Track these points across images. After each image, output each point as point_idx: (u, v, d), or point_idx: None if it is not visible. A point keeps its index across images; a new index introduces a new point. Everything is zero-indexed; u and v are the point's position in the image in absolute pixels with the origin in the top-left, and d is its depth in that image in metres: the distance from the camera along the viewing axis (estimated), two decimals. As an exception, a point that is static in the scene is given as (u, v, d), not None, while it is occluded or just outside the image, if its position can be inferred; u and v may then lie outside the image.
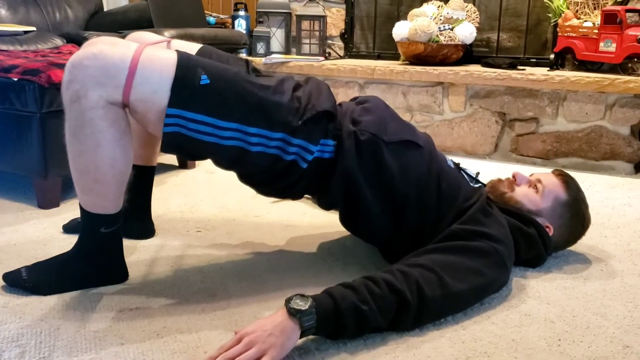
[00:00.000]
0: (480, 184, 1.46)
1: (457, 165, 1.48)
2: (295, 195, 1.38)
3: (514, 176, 1.50)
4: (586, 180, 1.60)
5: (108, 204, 1.23)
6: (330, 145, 1.28)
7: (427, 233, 1.32)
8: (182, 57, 1.17)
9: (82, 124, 1.13)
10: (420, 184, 1.32)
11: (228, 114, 1.17)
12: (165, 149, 1.20)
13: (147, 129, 1.21)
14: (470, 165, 2.56)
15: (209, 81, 1.16)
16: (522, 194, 1.45)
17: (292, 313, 1.03)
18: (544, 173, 1.51)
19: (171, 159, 2.42)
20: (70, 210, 1.79)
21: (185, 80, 1.14)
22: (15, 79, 1.74)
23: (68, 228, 1.65)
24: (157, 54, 1.16)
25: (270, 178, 1.28)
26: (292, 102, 1.24)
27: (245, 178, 1.33)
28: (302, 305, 1.03)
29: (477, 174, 1.51)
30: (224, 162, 1.25)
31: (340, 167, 1.28)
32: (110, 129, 1.14)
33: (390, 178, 1.30)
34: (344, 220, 1.41)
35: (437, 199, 1.33)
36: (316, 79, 1.41)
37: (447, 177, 1.36)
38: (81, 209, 1.24)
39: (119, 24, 2.80)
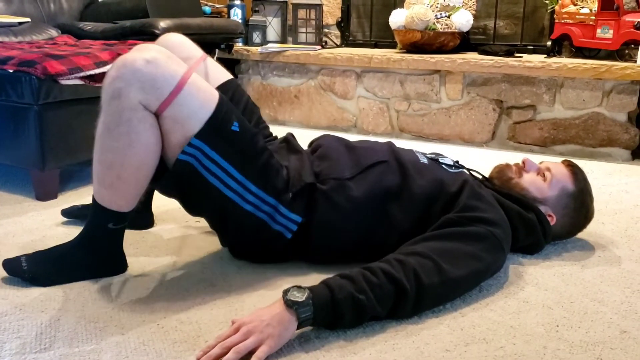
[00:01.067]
0: (461, 169, 1.45)
1: (432, 156, 1.47)
2: (280, 260, 1.39)
3: (523, 162, 1.50)
4: (584, 167, 1.61)
5: (123, 203, 1.23)
6: (306, 207, 1.31)
7: (419, 229, 1.31)
8: (223, 99, 1.22)
9: (119, 122, 1.14)
10: (399, 194, 1.32)
11: (241, 166, 1.22)
12: (167, 180, 1.21)
13: (163, 145, 1.21)
14: (468, 153, 2.57)
15: (238, 130, 1.21)
16: (530, 181, 1.46)
17: (289, 305, 1.03)
18: (553, 162, 1.52)
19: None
20: (68, 202, 1.79)
21: (222, 120, 1.19)
22: (11, 71, 1.73)
23: (67, 213, 1.66)
24: (204, 84, 1.21)
25: (255, 242, 1.33)
26: (285, 173, 1.30)
27: (231, 238, 1.37)
28: (299, 297, 1.04)
29: (456, 161, 1.50)
30: (212, 209, 1.29)
31: (317, 223, 1.30)
32: (147, 133, 1.15)
33: (367, 206, 1.31)
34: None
35: (421, 199, 1.32)
36: (296, 145, 1.46)
37: (423, 174, 1.35)
38: (94, 201, 1.24)
39: (114, 14, 2.78)
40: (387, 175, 1.34)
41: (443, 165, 1.42)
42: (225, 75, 1.50)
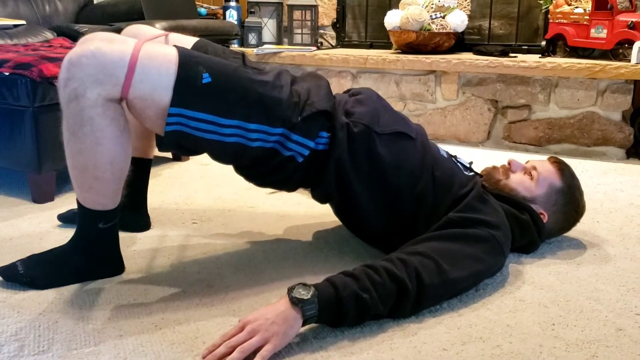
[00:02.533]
0: (473, 173, 1.47)
1: (450, 154, 1.49)
2: (290, 188, 1.38)
3: (509, 163, 1.51)
4: (578, 166, 1.62)
5: (107, 201, 1.23)
6: (324, 137, 1.29)
7: (423, 223, 1.32)
8: (183, 54, 1.16)
9: (81, 122, 1.13)
10: (413, 174, 1.33)
11: (229, 112, 1.17)
12: (165, 147, 1.20)
13: (145, 124, 1.20)
14: (463, 153, 2.58)
15: (210, 79, 1.15)
16: (517, 181, 1.46)
17: (295, 302, 1.04)
18: (539, 160, 1.52)
19: (165, 151, 2.42)
20: (65, 204, 1.79)
21: (188, 79, 1.14)
22: (7, 74, 1.73)
23: (63, 218, 1.66)
24: (157, 50, 1.15)
25: (267, 171, 1.29)
26: (291, 97, 1.24)
27: (241, 170, 1.34)
28: (304, 294, 1.05)
29: (470, 163, 1.52)
30: (223, 157, 1.26)
31: (333, 159, 1.28)
32: (110, 127, 1.14)
33: (383, 170, 1.31)
34: (337, 213, 1.42)
35: (432, 189, 1.33)
36: (317, 75, 1.41)
37: (440, 167, 1.37)
38: (79, 205, 1.24)
39: (110, 16, 2.78)
40: (410, 152, 1.34)
41: (459, 165, 1.44)
42: (192, 39, 1.43)
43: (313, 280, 1.12)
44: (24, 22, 2.57)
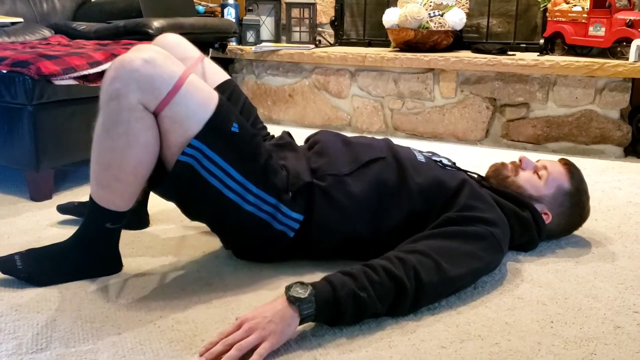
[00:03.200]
0: (455, 168, 1.45)
1: (429, 155, 1.48)
2: (283, 258, 1.39)
3: (520, 160, 1.51)
4: (577, 164, 1.63)
5: (121, 202, 1.23)
6: (306, 205, 1.31)
7: (418, 226, 1.32)
8: (223, 100, 1.22)
9: (117, 122, 1.14)
10: (397, 191, 1.33)
11: (241, 167, 1.22)
12: (167, 182, 1.21)
13: (162, 146, 1.21)
14: (462, 151, 2.58)
15: (238, 131, 1.21)
16: (526, 179, 1.46)
17: (292, 301, 1.04)
18: (550, 160, 1.52)
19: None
20: (62, 203, 1.78)
21: (220, 122, 1.19)
22: (5, 71, 1.72)
23: (62, 209, 1.66)
24: (203, 86, 1.21)
25: (257, 242, 1.33)
26: (284, 172, 1.30)
27: (232, 238, 1.37)
28: (301, 293, 1.05)
29: (453, 162, 1.50)
30: (213, 212, 1.28)
31: (317, 221, 1.30)
32: (144, 133, 1.15)
33: (368, 203, 1.31)
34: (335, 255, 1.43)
35: (418, 196, 1.32)
36: (292, 143, 1.46)
37: (421, 172, 1.36)
38: (91, 201, 1.24)
39: (107, 14, 2.78)
40: (385, 171, 1.34)
41: (439, 164, 1.43)
42: (223, 75, 1.51)
43: (311, 279, 1.12)
44: (21, 19, 2.57)
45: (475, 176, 1.51)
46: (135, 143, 1.15)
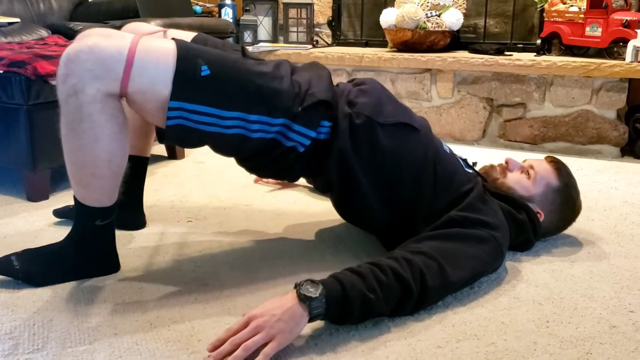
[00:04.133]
0: (474, 172, 1.47)
1: (452, 152, 1.49)
2: (292, 177, 1.38)
3: (506, 162, 1.52)
4: (573, 165, 1.63)
5: (104, 198, 1.23)
6: (326, 126, 1.28)
7: (421, 217, 1.32)
8: (182, 47, 1.16)
9: (80, 119, 1.12)
10: (415, 167, 1.32)
11: (230, 104, 1.17)
12: (167, 141, 1.20)
13: (146, 118, 1.20)
14: (459, 152, 2.58)
15: (209, 72, 1.15)
16: (514, 180, 1.47)
17: (303, 299, 1.03)
18: (536, 159, 1.53)
19: (160, 149, 2.42)
20: (59, 203, 1.78)
21: (187, 72, 1.14)
22: (1, 71, 1.72)
23: (59, 213, 1.65)
24: (154, 44, 1.16)
25: (268, 162, 1.29)
26: (291, 87, 1.24)
27: (243, 162, 1.33)
28: (312, 292, 1.04)
29: (474, 163, 1.51)
30: (225, 149, 1.27)
31: (335, 149, 1.28)
32: (109, 124, 1.14)
33: (385, 161, 1.30)
34: (337, 205, 1.42)
35: (433, 182, 1.33)
36: (318, 65, 1.40)
37: (442, 161, 1.36)
38: (76, 201, 1.24)
39: (104, 14, 2.78)
40: (414, 145, 1.33)
41: (461, 162, 1.44)
42: (191, 35, 1.43)
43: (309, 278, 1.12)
44: (18, 19, 2.56)
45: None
46: (102, 135, 1.13)
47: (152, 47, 1.14)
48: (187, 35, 1.41)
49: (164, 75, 1.12)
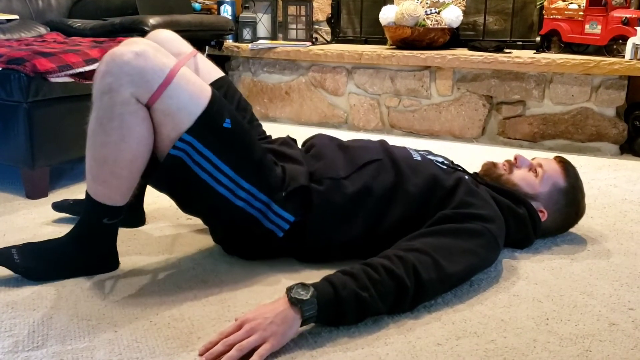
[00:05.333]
0: (452, 167, 1.45)
1: (425, 153, 1.48)
2: (271, 256, 1.39)
3: (515, 158, 1.51)
4: (572, 162, 1.64)
5: (118, 197, 1.23)
6: (301, 208, 1.31)
7: (415, 225, 1.32)
8: (216, 95, 1.22)
9: (111, 116, 1.14)
10: (393, 192, 1.33)
11: (232, 162, 1.22)
12: (158, 175, 1.21)
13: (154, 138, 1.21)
14: (458, 149, 2.58)
15: (230, 127, 1.20)
16: (521, 177, 1.47)
17: (294, 302, 1.03)
18: (545, 158, 1.53)
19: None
20: (58, 200, 1.78)
21: (212, 116, 1.18)
22: (0, 69, 1.72)
23: (58, 207, 1.66)
24: (195, 79, 1.21)
25: (247, 238, 1.34)
26: (281, 172, 1.30)
27: (220, 233, 1.38)
28: (303, 294, 1.04)
29: (451, 161, 1.50)
30: (204, 205, 1.29)
31: (311, 223, 1.30)
32: (139, 127, 1.15)
33: (365, 205, 1.32)
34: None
35: (415, 196, 1.33)
36: (292, 145, 1.45)
37: (417, 172, 1.36)
38: (87, 196, 1.24)
39: (103, 11, 2.77)
40: (382, 173, 1.34)
41: (436, 163, 1.43)
42: (216, 72, 1.50)
43: (307, 277, 1.12)
44: (17, 16, 2.56)
45: (472, 173, 1.51)
46: (129, 137, 1.15)
47: (192, 79, 1.20)
48: (214, 74, 1.48)
49: (192, 109, 1.16)
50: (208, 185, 1.21)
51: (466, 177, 1.39)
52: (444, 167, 1.42)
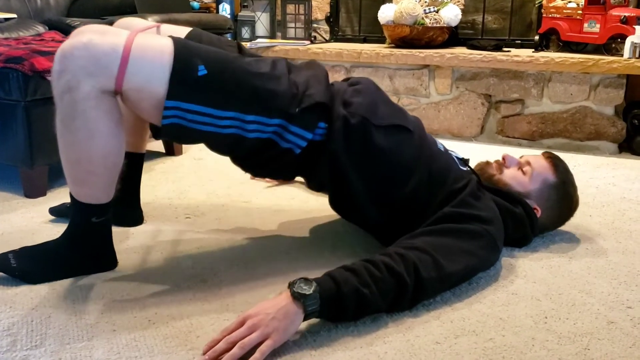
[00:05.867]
0: (469, 169, 1.47)
1: (446, 149, 1.49)
2: (287, 177, 1.39)
3: (503, 158, 1.52)
4: (571, 161, 1.64)
5: (100, 194, 1.22)
6: (322, 128, 1.27)
7: (417, 214, 1.32)
8: (179, 45, 1.15)
9: (74, 115, 1.12)
10: (409, 167, 1.33)
11: (226, 104, 1.17)
12: (162, 137, 1.21)
13: (141, 116, 1.20)
14: (457, 148, 2.58)
15: (206, 71, 1.14)
16: (511, 176, 1.47)
17: (297, 297, 1.03)
18: (533, 155, 1.53)
19: (158, 145, 2.41)
20: (57, 199, 1.78)
21: (184, 71, 1.13)
22: (-2, 67, 1.71)
23: (55, 211, 1.65)
24: (151, 42, 1.15)
25: (264, 162, 1.29)
26: (289, 88, 1.23)
27: (238, 160, 1.33)
28: (306, 289, 1.04)
29: (467, 160, 1.51)
30: (220, 148, 1.27)
31: (330, 150, 1.27)
32: (104, 120, 1.13)
33: (379, 162, 1.30)
34: (333, 203, 1.42)
35: (427, 181, 1.33)
36: (315, 64, 1.40)
37: (436, 160, 1.37)
38: (72, 198, 1.24)
39: (102, 10, 2.76)
40: (408, 145, 1.34)
41: (455, 159, 1.44)
42: (185, 30, 1.42)
43: (307, 275, 1.12)
44: (15, 15, 2.55)
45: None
46: (96, 132, 1.13)
47: (148, 44, 1.13)
48: (182, 31, 1.40)
49: (160, 74, 1.11)
50: (215, 134, 1.18)
51: (474, 180, 1.40)
52: (462, 166, 1.43)
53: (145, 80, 1.12)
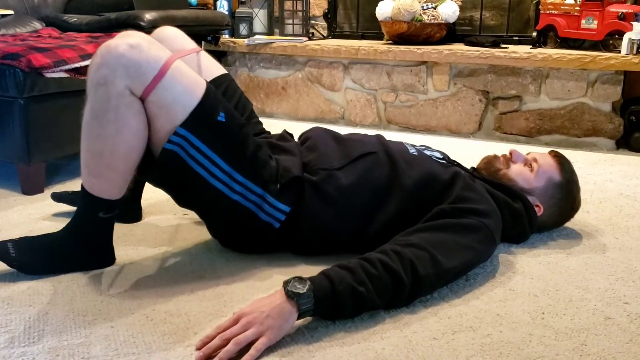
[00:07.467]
0: (448, 162, 1.45)
1: (422, 148, 1.48)
2: (268, 250, 1.39)
3: (510, 153, 1.52)
4: (569, 157, 1.64)
5: (113, 190, 1.23)
6: (296, 199, 1.30)
7: (411, 219, 1.31)
8: (211, 89, 1.21)
9: (106, 109, 1.14)
10: (388, 185, 1.32)
11: (227, 156, 1.22)
12: (154, 171, 1.21)
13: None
14: (455, 144, 2.58)
15: (225, 120, 1.20)
16: (517, 172, 1.47)
17: (290, 296, 1.04)
18: (540, 153, 1.53)
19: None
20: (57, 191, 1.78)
21: (207, 110, 1.18)
22: (-5, 64, 1.71)
23: (57, 197, 1.66)
24: (190, 72, 1.20)
25: (244, 233, 1.33)
26: (274, 165, 1.30)
27: (219, 229, 1.38)
28: (300, 288, 1.04)
29: (446, 155, 1.50)
30: (200, 200, 1.28)
31: (306, 215, 1.30)
32: (134, 120, 1.15)
33: (356, 196, 1.31)
34: (322, 253, 1.41)
35: (411, 190, 1.32)
36: (285, 145, 1.44)
37: (413, 166, 1.35)
38: (83, 190, 1.23)
39: (99, 7, 2.76)
40: (377, 166, 1.34)
41: (432, 157, 1.43)
42: (219, 69, 1.50)
43: (304, 272, 1.12)
44: (12, 12, 2.55)
45: (469, 168, 1.51)
46: (125, 129, 1.15)
47: (186, 72, 1.19)
48: (216, 70, 1.49)
49: (186, 102, 1.16)
50: (204, 179, 1.21)
51: (462, 172, 1.40)
52: (441, 161, 1.42)
53: (171, 100, 1.15)
